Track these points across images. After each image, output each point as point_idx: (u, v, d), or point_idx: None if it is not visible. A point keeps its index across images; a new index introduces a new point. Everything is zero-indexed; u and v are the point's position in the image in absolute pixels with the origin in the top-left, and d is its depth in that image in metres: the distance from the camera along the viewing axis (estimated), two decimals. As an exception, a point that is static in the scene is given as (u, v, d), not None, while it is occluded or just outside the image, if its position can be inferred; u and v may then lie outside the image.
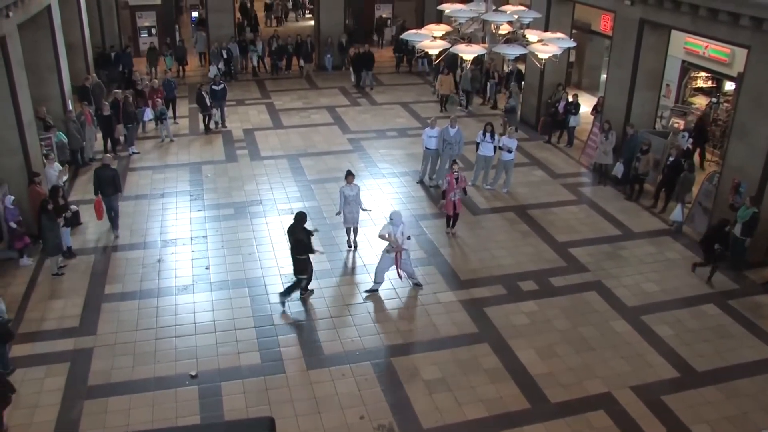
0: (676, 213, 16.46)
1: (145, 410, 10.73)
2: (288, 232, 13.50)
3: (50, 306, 13.47)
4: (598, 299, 13.86)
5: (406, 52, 30.70)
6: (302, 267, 13.42)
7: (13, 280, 14.05)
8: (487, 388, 11.29)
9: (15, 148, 15.24)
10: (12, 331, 11.61)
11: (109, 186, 15.95)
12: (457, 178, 15.71)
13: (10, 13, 14.55)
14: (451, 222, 16.22)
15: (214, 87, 23.09)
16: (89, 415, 10.64)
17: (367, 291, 13.93)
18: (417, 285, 14.10)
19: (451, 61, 24.67)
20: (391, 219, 13.55)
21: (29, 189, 15.24)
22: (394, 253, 13.52)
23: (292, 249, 13.43)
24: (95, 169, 16.57)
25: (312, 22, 37.28)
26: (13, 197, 14.69)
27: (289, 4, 45.43)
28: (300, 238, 13.19)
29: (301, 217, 13.37)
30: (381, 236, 13.55)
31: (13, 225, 14.59)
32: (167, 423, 10.46)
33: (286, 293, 13.51)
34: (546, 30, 17.12)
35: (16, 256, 14.76)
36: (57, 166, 17.07)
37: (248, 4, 42.02)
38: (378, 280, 13.91)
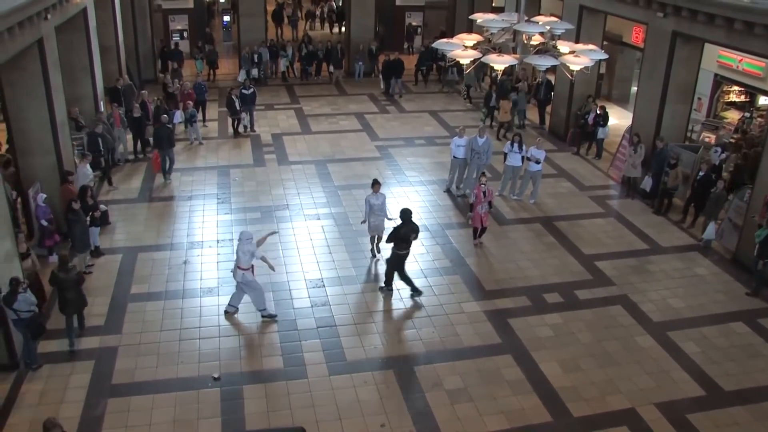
0: (709, 231, 16.19)
1: (167, 410, 10.81)
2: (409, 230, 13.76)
3: (77, 304, 13.63)
4: (624, 313, 13.72)
5: (434, 59, 30.55)
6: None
7: (42, 277, 14.17)
8: (509, 400, 11.23)
9: (48, 148, 15.44)
10: (44, 325, 11.79)
11: (165, 141, 19.39)
12: (484, 192, 15.65)
13: (49, 16, 14.78)
14: (478, 234, 16.16)
15: (243, 91, 23.23)
16: (112, 413, 10.75)
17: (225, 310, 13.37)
18: (270, 316, 13.26)
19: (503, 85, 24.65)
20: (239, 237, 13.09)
21: (62, 188, 15.45)
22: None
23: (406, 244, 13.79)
24: (155, 128, 20.02)
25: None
26: (45, 195, 14.89)
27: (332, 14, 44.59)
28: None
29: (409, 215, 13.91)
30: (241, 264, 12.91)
31: (44, 223, 14.80)
32: (189, 424, 10.55)
33: (413, 287, 14.07)
34: (577, 41, 17.04)
35: (46, 254, 14.94)
36: (89, 168, 17.26)
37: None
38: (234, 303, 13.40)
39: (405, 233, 13.71)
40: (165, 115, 20.36)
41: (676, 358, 12.37)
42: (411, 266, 15.03)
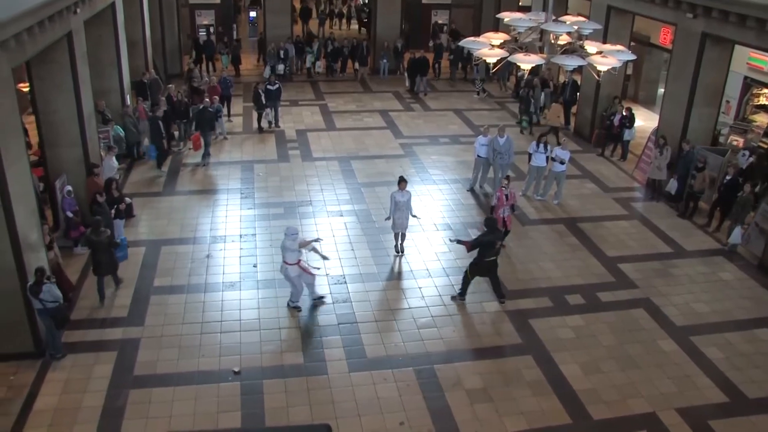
0: (735, 235, 15.95)
1: (187, 403, 10.89)
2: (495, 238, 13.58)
3: (101, 295, 13.79)
4: (646, 317, 13.60)
5: (461, 59, 30.50)
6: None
7: (67, 268, 14.29)
8: (529, 401, 11.18)
9: (75, 140, 15.59)
10: (68, 316, 11.92)
11: (208, 124, 20.56)
12: (507, 195, 15.59)
13: (78, 10, 14.92)
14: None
15: (269, 86, 23.30)
16: (134, 404, 10.85)
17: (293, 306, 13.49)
18: (296, 308, 13.43)
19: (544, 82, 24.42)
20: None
21: (88, 180, 15.60)
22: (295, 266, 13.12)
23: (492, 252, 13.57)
24: (197, 111, 20.95)
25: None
26: (70, 188, 15.04)
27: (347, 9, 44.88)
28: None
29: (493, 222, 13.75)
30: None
31: (69, 215, 14.95)
32: (209, 417, 10.61)
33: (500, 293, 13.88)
34: (604, 42, 16.92)
35: (71, 245, 15.08)
36: (114, 161, 17.44)
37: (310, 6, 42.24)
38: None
39: (490, 241, 13.50)
40: (207, 100, 21.67)
41: (698, 363, 12.23)
42: (433, 265, 15.08)
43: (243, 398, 11.03)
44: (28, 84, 15.12)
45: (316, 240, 13.95)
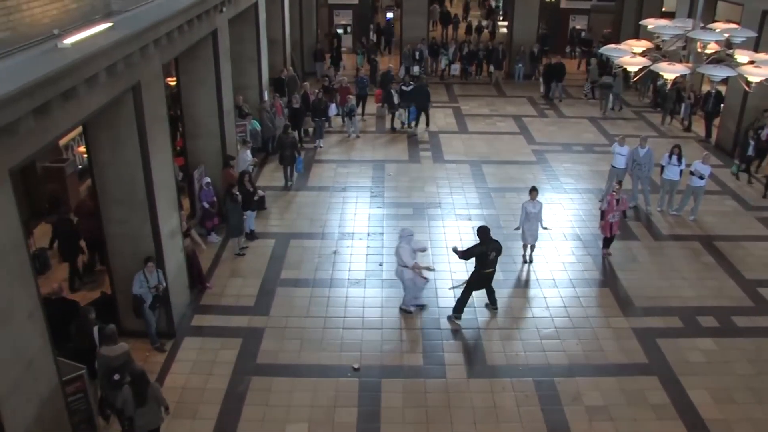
0: None
1: (306, 394, 11.12)
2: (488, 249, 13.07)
3: (230, 283, 14.30)
4: (789, 347, 12.74)
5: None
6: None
7: (201, 255, 14.92)
8: (652, 425, 10.70)
9: (214, 133, 16.24)
10: (137, 309, 11.90)
11: (388, 83, 24.58)
12: (618, 200, 15.03)
13: (224, 9, 15.54)
14: (609, 243, 15.57)
15: (403, 87, 23.48)
16: (255, 391, 11.19)
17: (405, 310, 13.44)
18: (407, 312, 13.37)
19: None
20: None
21: (223, 171, 16.21)
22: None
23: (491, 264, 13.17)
24: (382, 74, 26.13)
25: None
26: (209, 179, 15.66)
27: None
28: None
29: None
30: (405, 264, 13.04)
31: (206, 205, 15.56)
32: (326, 410, 10.79)
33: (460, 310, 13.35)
34: (756, 50, 15.99)
35: (205, 233, 15.70)
36: (249, 154, 18.03)
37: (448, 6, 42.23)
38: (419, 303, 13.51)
39: (483, 252, 12.97)
40: (391, 65, 26.67)
41: None
42: (560, 275, 14.74)
43: (360, 395, 11.16)
44: (174, 78, 15.87)
45: (428, 268, 13.64)
